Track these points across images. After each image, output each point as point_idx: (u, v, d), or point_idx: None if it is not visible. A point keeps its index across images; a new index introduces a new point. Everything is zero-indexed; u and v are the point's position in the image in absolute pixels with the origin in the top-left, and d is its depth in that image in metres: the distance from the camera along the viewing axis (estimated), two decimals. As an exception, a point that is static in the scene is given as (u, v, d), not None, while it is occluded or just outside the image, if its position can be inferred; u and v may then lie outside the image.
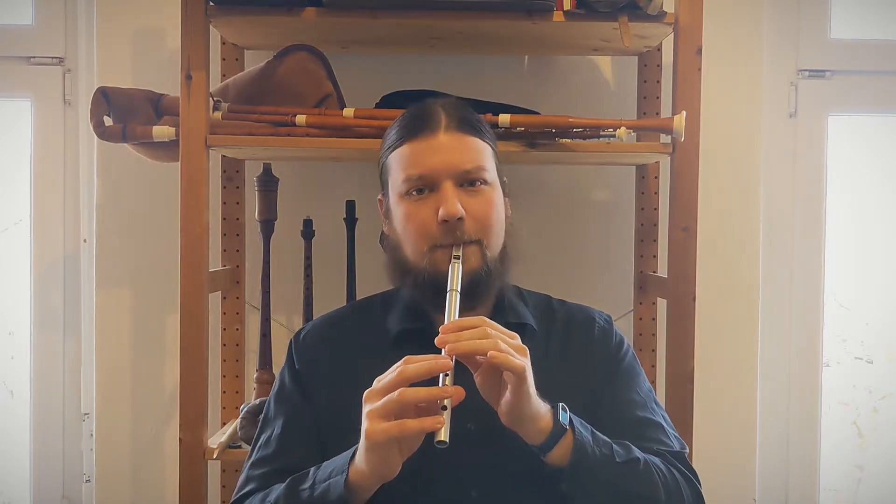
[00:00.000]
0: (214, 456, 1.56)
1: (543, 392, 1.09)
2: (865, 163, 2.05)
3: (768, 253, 1.97)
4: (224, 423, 1.81)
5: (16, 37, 1.94)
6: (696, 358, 1.55)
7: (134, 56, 1.89)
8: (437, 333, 1.06)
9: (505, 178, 1.28)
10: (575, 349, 1.27)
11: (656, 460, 1.16)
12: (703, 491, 1.20)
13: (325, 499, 1.08)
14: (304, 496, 1.10)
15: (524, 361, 1.04)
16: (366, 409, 1.03)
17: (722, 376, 1.92)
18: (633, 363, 1.30)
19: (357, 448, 1.07)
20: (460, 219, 1.16)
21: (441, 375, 1.03)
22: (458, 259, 1.16)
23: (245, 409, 1.65)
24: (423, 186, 1.19)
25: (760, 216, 1.94)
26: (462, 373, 1.07)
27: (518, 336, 1.08)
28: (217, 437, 1.62)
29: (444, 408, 1.01)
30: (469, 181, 1.19)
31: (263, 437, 1.24)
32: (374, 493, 1.08)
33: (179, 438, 1.54)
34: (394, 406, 1.01)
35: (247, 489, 1.20)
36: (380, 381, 1.04)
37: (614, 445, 1.12)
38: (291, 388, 1.26)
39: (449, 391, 1.01)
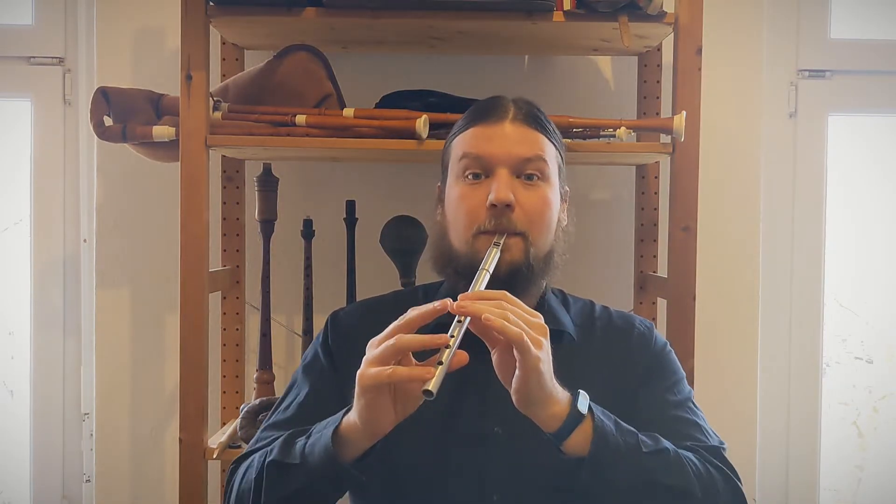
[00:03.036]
0: (214, 456, 1.56)
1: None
2: (865, 163, 2.05)
3: (768, 253, 1.97)
4: (224, 423, 1.81)
5: (16, 37, 1.94)
6: (696, 358, 1.55)
7: (134, 56, 1.89)
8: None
9: (567, 188, 1.27)
10: (613, 355, 1.24)
11: (689, 454, 1.11)
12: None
13: (313, 449, 1.05)
14: (298, 445, 1.08)
15: (539, 340, 1.00)
16: (367, 356, 1.01)
17: (722, 376, 1.92)
18: (673, 366, 1.26)
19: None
20: (508, 206, 1.15)
21: (449, 336, 0.98)
22: (498, 246, 1.13)
23: (245, 409, 1.65)
24: (479, 170, 1.18)
25: (760, 216, 1.94)
26: (483, 374, 1.04)
27: (541, 316, 1.04)
28: (217, 437, 1.62)
29: (441, 363, 0.96)
30: (526, 174, 1.18)
31: (286, 402, 1.23)
32: (397, 494, 1.05)
33: (179, 438, 1.54)
34: (389, 352, 0.97)
35: (254, 447, 1.18)
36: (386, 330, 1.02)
37: (640, 435, 1.07)
38: (322, 362, 1.25)
39: (444, 338, 0.97)
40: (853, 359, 2.09)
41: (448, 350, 0.97)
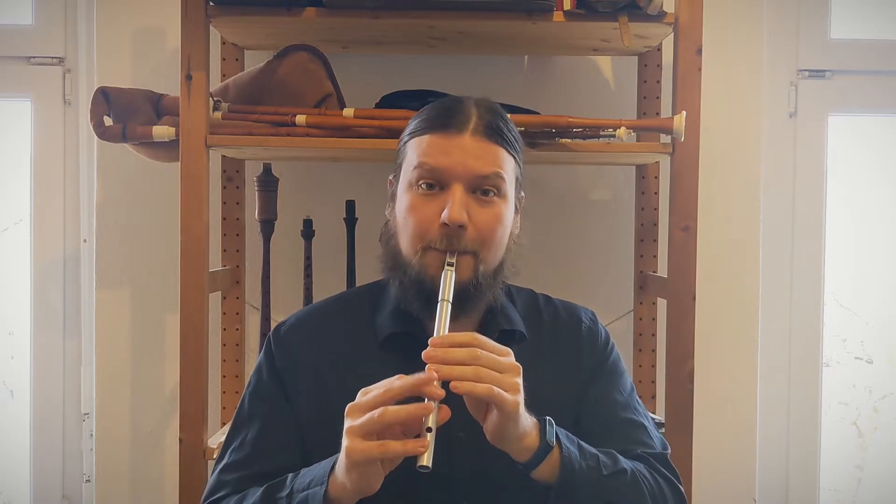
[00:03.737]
0: (214, 456, 1.55)
1: (531, 393, 1.07)
2: (865, 163, 2.05)
3: (768, 253, 1.97)
4: (224, 423, 1.81)
5: (16, 37, 1.94)
6: (696, 358, 1.55)
7: (134, 56, 1.89)
8: (427, 338, 1.03)
9: (523, 194, 1.25)
10: (562, 349, 1.25)
11: (641, 467, 1.15)
12: (695, 492, 1.21)
13: None
14: None
15: (514, 382, 1.02)
16: (347, 423, 1.00)
17: (722, 376, 1.92)
18: (617, 361, 1.29)
19: (336, 459, 1.04)
20: (461, 226, 1.12)
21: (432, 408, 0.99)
22: (452, 266, 1.12)
23: (245, 409, 1.65)
24: (433, 181, 1.15)
25: (760, 216, 1.94)
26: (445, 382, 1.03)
27: (511, 353, 1.05)
28: (217, 437, 1.62)
29: (430, 429, 0.97)
30: (482, 189, 1.15)
31: (238, 441, 1.20)
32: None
33: (179, 438, 1.54)
34: (376, 426, 0.97)
35: (219, 494, 1.16)
36: (364, 395, 1.01)
37: (601, 457, 1.11)
38: (270, 387, 1.21)
39: (430, 407, 0.98)
40: (853, 359, 2.09)
41: (432, 414, 0.98)
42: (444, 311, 1.08)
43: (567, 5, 1.53)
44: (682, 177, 1.55)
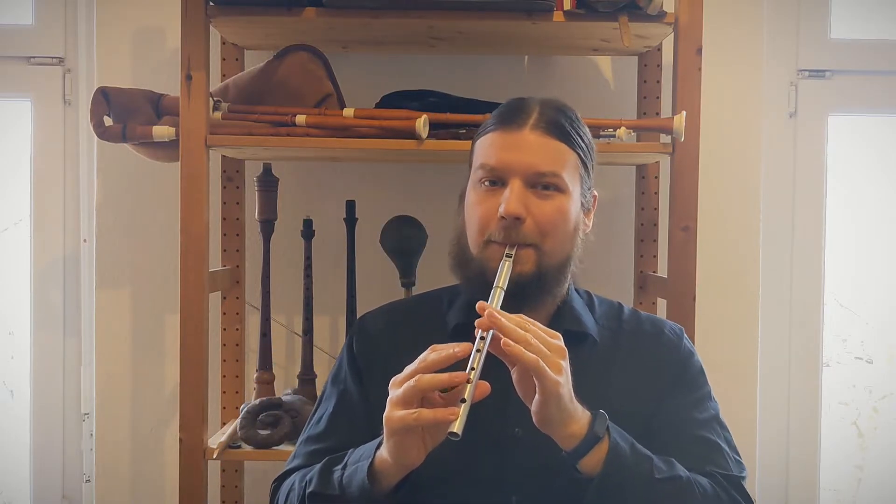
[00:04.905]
0: (214, 456, 1.56)
1: (602, 399, 1.06)
2: (865, 163, 2.05)
3: (768, 253, 1.97)
4: (224, 423, 1.81)
5: (16, 37, 1.94)
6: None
7: (134, 56, 1.89)
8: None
9: (596, 193, 1.26)
10: (640, 361, 1.22)
11: (704, 481, 1.11)
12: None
13: (351, 481, 1.08)
14: (335, 476, 1.10)
15: (557, 363, 1.01)
16: (390, 394, 1.02)
17: (722, 376, 1.92)
18: (700, 379, 1.24)
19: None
20: (518, 218, 1.14)
21: (469, 369, 1.00)
22: (510, 258, 1.13)
23: (245, 409, 1.65)
24: (494, 179, 1.17)
25: (760, 216, 1.94)
26: (506, 374, 1.04)
27: (560, 337, 1.05)
28: (217, 437, 1.62)
29: (464, 401, 0.97)
30: (542, 185, 1.16)
31: (316, 416, 1.26)
32: (414, 494, 1.07)
33: (179, 438, 1.54)
34: (411, 393, 0.99)
35: (293, 465, 1.22)
36: (407, 369, 1.03)
37: (655, 460, 1.08)
38: (347, 371, 1.26)
39: (462, 376, 0.98)
40: (853, 359, 2.09)
41: (469, 385, 0.99)
42: (496, 297, 1.09)
43: (567, 5, 1.53)
44: (682, 177, 1.55)
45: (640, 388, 1.20)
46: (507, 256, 1.14)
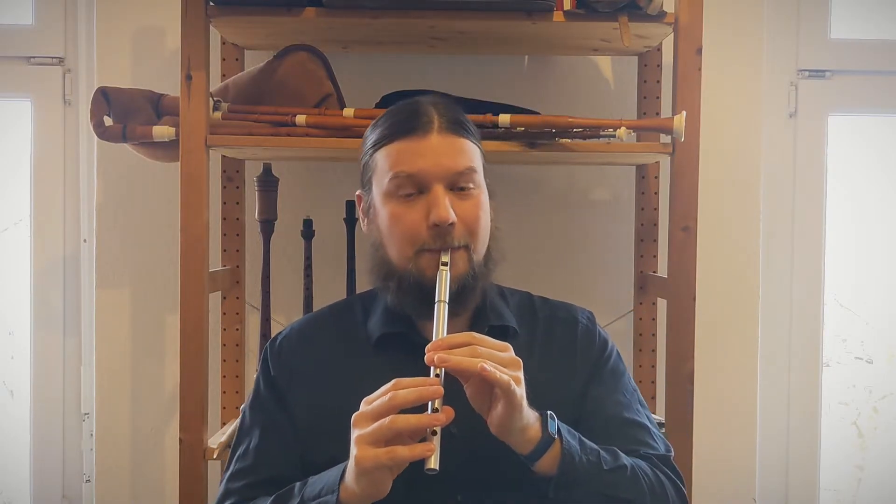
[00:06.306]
0: (214, 456, 1.56)
1: (539, 396, 1.09)
2: (865, 163, 2.05)
3: (768, 253, 1.97)
4: (224, 423, 1.81)
5: (16, 37, 1.94)
6: (696, 358, 1.55)
7: (134, 56, 1.89)
8: (419, 338, 1.05)
9: (487, 180, 1.26)
10: (558, 348, 1.26)
11: (643, 464, 1.16)
12: (695, 492, 1.21)
13: None
14: None
15: (517, 376, 1.04)
16: (354, 433, 1.02)
17: (722, 376, 1.92)
18: (618, 362, 1.29)
19: (346, 467, 1.06)
20: (451, 224, 1.14)
21: (432, 409, 1.01)
22: (447, 266, 1.14)
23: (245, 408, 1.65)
24: (412, 189, 1.17)
25: (760, 216, 1.94)
26: (446, 378, 1.05)
27: (510, 347, 1.07)
28: (217, 437, 1.62)
29: (434, 433, 1.00)
30: (460, 185, 1.17)
31: (241, 449, 1.23)
32: None
33: (179, 438, 1.54)
34: (385, 433, 1.00)
35: (228, 502, 1.19)
36: (368, 404, 1.03)
37: (602, 452, 1.12)
38: (267, 397, 1.24)
39: (440, 418, 1.00)
40: (853, 359, 2.09)
41: (437, 414, 1.00)
42: (441, 313, 1.11)
43: (567, 5, 1.53)
44: (682, 177, 1.55)
45: (560, 377, 1.23)
46: (443, 265, 1.14)
